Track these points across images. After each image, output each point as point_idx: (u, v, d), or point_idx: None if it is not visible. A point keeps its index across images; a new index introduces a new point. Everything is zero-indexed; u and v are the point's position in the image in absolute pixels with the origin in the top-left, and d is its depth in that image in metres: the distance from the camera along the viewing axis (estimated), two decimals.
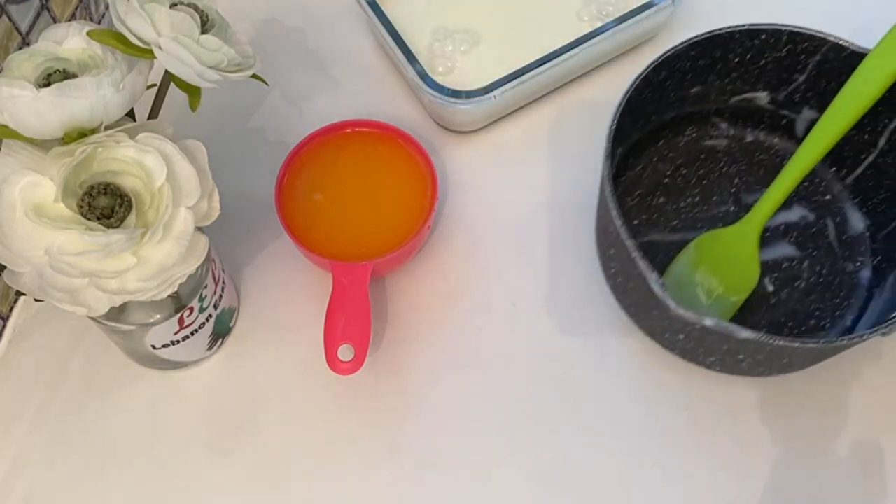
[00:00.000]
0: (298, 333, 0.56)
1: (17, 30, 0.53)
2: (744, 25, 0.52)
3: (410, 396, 0.54)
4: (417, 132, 0.59)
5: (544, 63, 0.59)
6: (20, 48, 0.50)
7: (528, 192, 0.61)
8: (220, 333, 0.55)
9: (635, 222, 0.57)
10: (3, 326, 0.57)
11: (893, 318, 0.45)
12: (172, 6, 0.43)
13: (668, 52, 0.52)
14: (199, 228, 0.43)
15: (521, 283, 0.57)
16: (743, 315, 0.53)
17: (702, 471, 0.51)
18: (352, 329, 0.51)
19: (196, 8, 0.44)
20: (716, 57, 0.54)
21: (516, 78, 0.59)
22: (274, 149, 0.63)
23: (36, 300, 0.44)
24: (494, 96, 0.59)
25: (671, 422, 0.52)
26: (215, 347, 0.56)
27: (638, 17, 0.61)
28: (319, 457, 0.53)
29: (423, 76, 0.59)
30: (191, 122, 0.48)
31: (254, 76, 0.48)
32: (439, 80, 0.59)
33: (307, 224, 0.56)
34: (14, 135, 0.41)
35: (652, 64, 0.51)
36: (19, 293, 0.57)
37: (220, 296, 0.53)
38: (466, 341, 0.56)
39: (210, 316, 0.52)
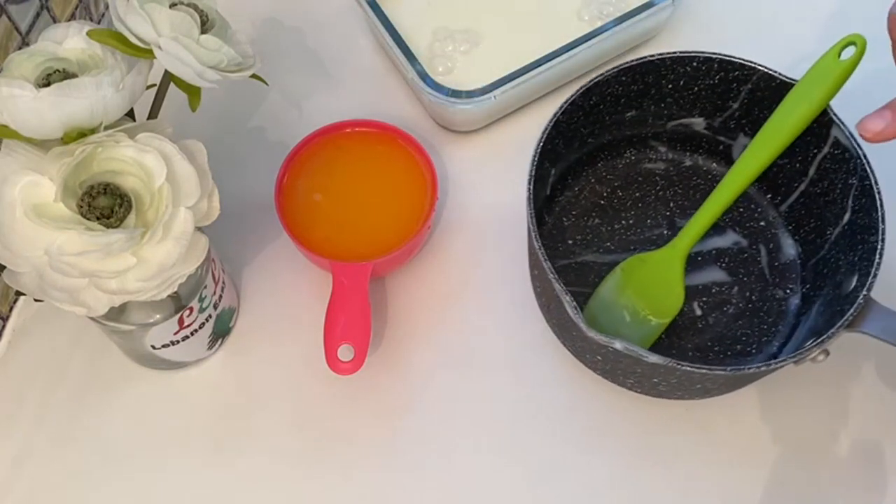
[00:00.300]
0: (298, 333, 0.56)
1: (17, 30, 0.53)
2: (675, 53, 0.53)
3: (410, 395, 0.54)
4: (417, 132, 0.59)
5: (544, 63, 0.59)
6: (20, 48, 0.50)
7: None
8: (220, 333, 0.55)
9: (570, 242, 0.57)
10: (3, 326, 0.57)
11: (806, 347, 0.45)
12: (172, 6, 0.43)
13: (596, 78, 0.52)
14: (199, 228, 0.43)
15: (521, 283, 0.57)
16: (671, 338, 0.53)
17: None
18: (352, 329, 0.51)
19: (196, 8, 0.44)
20: (649, 82, 0.54)
21: (516, 78, 0.59)
22: (274, 149, 0.63)
23: (36, 300, 0.44)
24: (494, 96, 0.59)
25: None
26: (215, 347, 0.56)
27: (638, 17, 0.61)
28: (319, 456, 0.53)
29: (423, 76, 0.59)
30: (191, 122, 0.48)
31: (254, 76, 0.48)
32: (439, 80, 0.59)
33: (307, 224, 0.56)
34: (14, 135, 0.41)
35: (580, 89, 0.52)
36: (19, 293, 0.57)
37: (220, 296, 0.53)
38: (466, 341, 0.56)
39: (210, 316, 0.52)
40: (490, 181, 0.62)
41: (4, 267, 0.41)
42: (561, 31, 0.61)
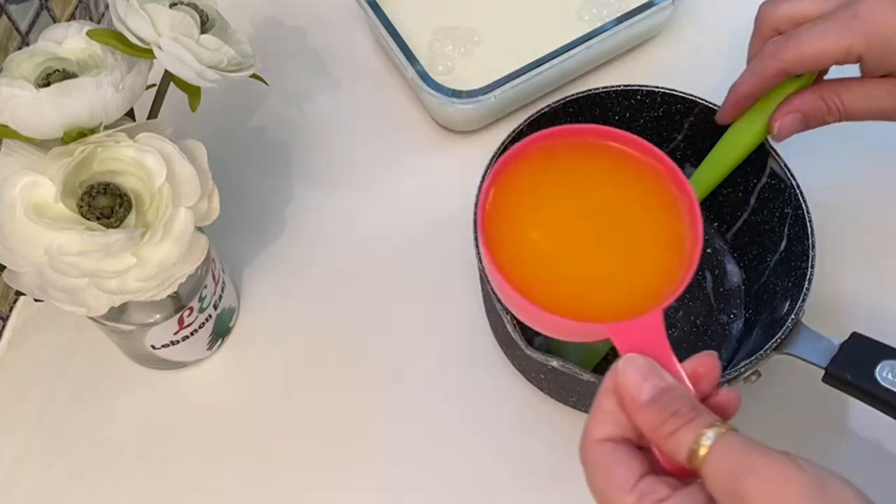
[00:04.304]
0: (298, 333, 0.56)
1: (17, 29, 0.53)
2: (619, 86, 0.54)
3: (410, 395, 0.54)
4: (417, 132, 0.59)
5: (544, 63, 0.59)
6: (20, 48, 0.50)
7: None
8: (220, 333, 0.55)
9: None
10: (3, 327, 0.57)
11: (738, 367, 0.45)
12: (172, 6, 0.43)
13: (543, 108, 0.53)
14: (198, 228, 0.43)
15: None
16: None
17: None
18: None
19: (196, 7, 0.44)
20: (595, 114, 0.55)
21: (516, 78, 0.59)
22: (274, 149, 0.63)
23: (36, 300, 0.44)
24: (494, 96, 0.59)
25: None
26: (215, 347, 0.56)
27: (638, 17, 0.61)
28: (319, 456, 0.53)
29: (423, 76, 0.59)
30: (191, 122, 0.48)
31: (254, 76, 0.48)
32: (439, 79, 0.59)
33: (522, 266, 0.38)
34: (14, 135, 0.41)
35: (527, 120, 0.52)
36: (19, 293, 0.57)
37: (220, 296, 0.53)
38: (470, 341, 0.56)
39: (210, 316, 0.52)
40: None
41: (4, 267, 0.41)
42: (561, 31, 0.61)
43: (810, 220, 0.49)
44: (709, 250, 0.58)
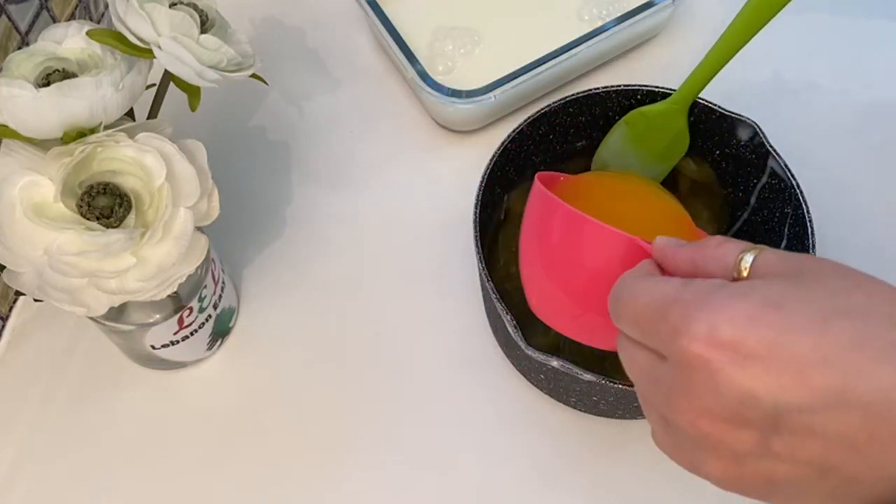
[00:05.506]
0: (298, 334, 0.56)
1: (17, 29, 0.53)
2: (619, 86, 0.54)
3: (409, 395, 0.54)
4: (417, 132, 0.59)
5: (544, 63, 0.59)
6: (19, 48, 0.50)
7: None
8: (220, 333, 0.55)
9: None
10: (3, 327, 0.57)
11: None
12: (172, 6, 0.43)
13: (543, 108, 0.53)
14: (198, 228, 0.43)
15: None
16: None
17: None
18: None
19: (195, 7, 0.44)
20: (595, 114, 0.55)
21: (516, 78, 0.59)
22: (274, 149, 0.63)
23: (35, 300, 0.44)
24: (494, 96, 0.58)
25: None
26: (215, 347, 0.56)
27: (638, 17, 0.61)
28: (319, 456, 0.53)
29: (423, 76, 0.59)
30: (191, 122, 0.48)
31: (253, 76, 0.47)
32: (439, 79, 0.59)
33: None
34: (14, 135, 0.41)
35: (527, 120, 0.52)
36: (19, 293, 0.57)
37: (220, 296, 0.53)
38: (470, 341, 0.56)
39: (210, 316, 0.52)
40: None
41: (4, 267, 0.41)
42: (561, 31, 0.61)
43: (810, 220, 0.49)
44: None
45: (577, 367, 0.45)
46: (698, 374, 0.29)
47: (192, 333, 0.51)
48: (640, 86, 0.54)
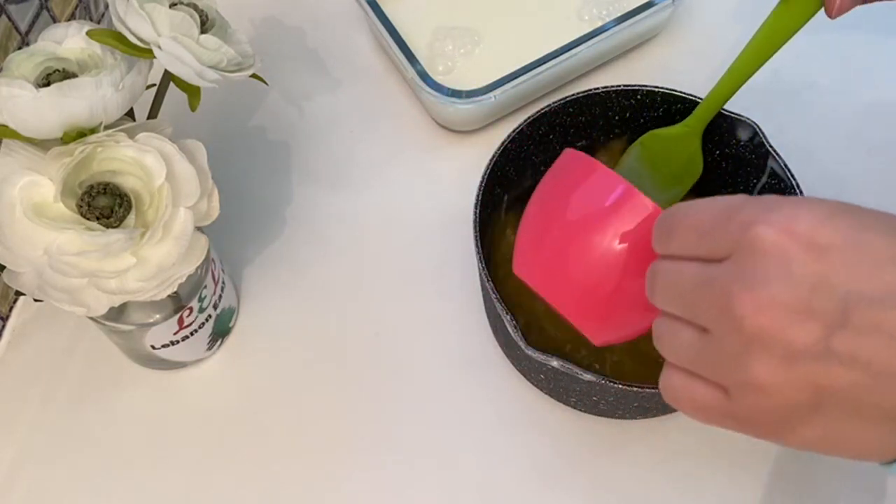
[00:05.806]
0: (298, 334, 0.56)
1: (17, 29, 0.53)
2: (619, 86, 0.54)
3: (409, 395, 0.54)
4: (417, 132, 0.59)
5: (544, 63, 0.59)
6: (20, 48, 0.50)
7: None
8: (220, 333, 0.55)
9: None
10: (3, 327, 0.57)
11: None
12: (172, 6, 0.43)
13: (543, 108, 0.53)
14: (198, 228, 0.43)
15: None
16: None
17: None
18: None
19: (196, 7, 0.44)
20: (595, 114, 0.55)
21: (516, 78, 0.59)
22: (274, 149, 0.63)
23: (35, 300, 0.44)
24: (494, 96, 0.59)
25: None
26: (215, 347, 0.56)
27: (638, 17, 0.61)
28: (319, 456, 0.53)
29: (423, 76, 0.59)
30: (191, 122, 0.48)
31: (253, 76, 0.48)
32: (439, 79, 0.59)
33: None
34: (14, 135, 0.41)
35: (527, 120, 0.53)
36: (19, 293, 0.57)
37: (220, 296, 0.53)
38: (470, 341, 0.56)
39: (210, 316, 0.52)
40: None
41: (4, 267, 0.41)
42: (561, 31, 0.61)
43: None
44: None
45: (577, 367, 0.45)
46: (771, 260, 0.29)
47: (192, 333, 0.51)
48: (640, 86, 0.54)
